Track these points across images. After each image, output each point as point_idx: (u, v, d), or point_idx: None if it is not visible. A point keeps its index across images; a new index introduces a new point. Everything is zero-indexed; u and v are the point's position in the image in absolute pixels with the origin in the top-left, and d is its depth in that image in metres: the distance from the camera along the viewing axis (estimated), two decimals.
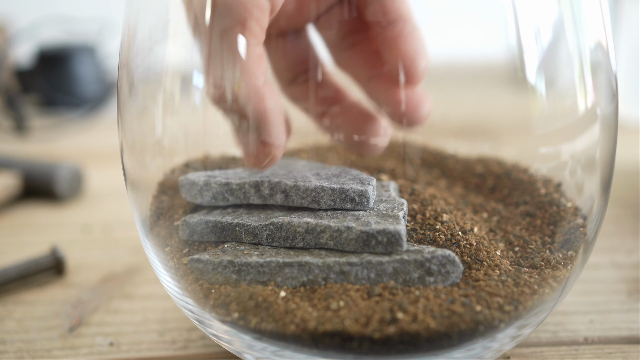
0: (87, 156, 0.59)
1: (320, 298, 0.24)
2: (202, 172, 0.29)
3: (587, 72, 0.27)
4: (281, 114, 0.25)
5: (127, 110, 0.28)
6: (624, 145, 0.33)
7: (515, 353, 0.29)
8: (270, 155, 0.25)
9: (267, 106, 0.24)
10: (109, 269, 0.38)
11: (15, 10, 0.88)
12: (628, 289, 0.34)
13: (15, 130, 0.70)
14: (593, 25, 0.26)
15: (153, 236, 0.28)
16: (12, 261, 0.37)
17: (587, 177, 0.28)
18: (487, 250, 0.26)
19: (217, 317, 0.25)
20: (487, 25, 0.31)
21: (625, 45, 0.65)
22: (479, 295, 0.23)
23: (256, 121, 0.24)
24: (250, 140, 0.25)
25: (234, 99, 0.24)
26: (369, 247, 0.24)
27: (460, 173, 0.34)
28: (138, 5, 0.27)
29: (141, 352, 0.29)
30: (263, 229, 0.26)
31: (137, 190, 0.29)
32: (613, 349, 0.29)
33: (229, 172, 0.29)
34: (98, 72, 0.81)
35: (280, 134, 0.25)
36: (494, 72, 0.35)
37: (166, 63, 0.28)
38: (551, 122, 0.28)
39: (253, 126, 0.24)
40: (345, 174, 0.28)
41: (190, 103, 0.28)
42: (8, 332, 0.31)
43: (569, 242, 0.27)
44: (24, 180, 0.49)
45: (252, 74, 0.23)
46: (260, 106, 0.24)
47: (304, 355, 0.24)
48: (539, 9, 0.27)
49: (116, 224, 0.45)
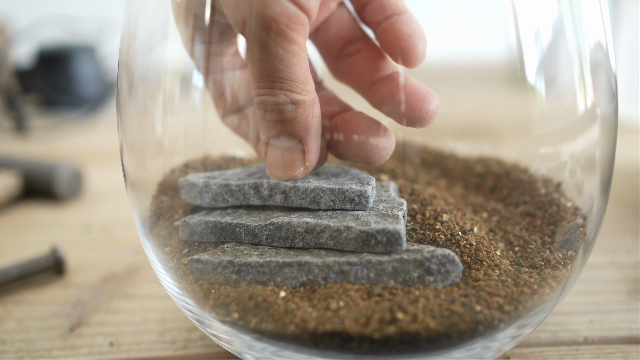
0: (87, 156, 0.59)
1: (320, 298, 0.24)
2: (201, 174, 0.29)
3: (587, 72, 0.27)
4: (320, 126, 0.26)
5: (127, 110, 0.28)
6: (624, 145, 0.33)
7: (515, 353, 0.29)
8: (306, 165, 0.26)
9: (316, 117, 0.25)
10: (109, 269, 0.38)
11: (15, 10, 0.88)
12: (628, 289, 0.34)
13: (15, 130, 0.70)
14: (593, 25, 0.26)
15: (153, 236, 0.28)
16: (12, 261, 0.37)
17: (587, 177, 0.28)
18: (487, 250, 0.26)
19: (217, 317, 0.25)
20: (487, 25, 0.31)
21: (625, 45, 0.65)
22: (478, 295, 0.23)
23: (302, 132, 0.25)
24: (286, 149, 0.25)
25: (280, 109, 0.24)
26: (368, 247, 0.24)
27: (460, 173, 0.34)
28: (138, 5, 0.27)
29: (141, 352, 0.29)
30: (263, 229, 0.26)
31: (137, 190, 0.29)
32: (613, 349, 0.29)
33: (228, 173, 0.29)
34: (98, 72, 0.81)
35: (318, 146, 0.26)
36: (494, 72, 0.35)
37: (166, 63, 0.28)
38: (551, 122, 0.28)
39: (297, 136, 0.25)
40: (345, 174, 0.28)
41: (190, 103, 0.28)
42: (8, 332, 0.31)
43: (569, 242, 0.27)
44: (24, 180, 0.49)
45: (303, 85, 0.24)
46: (309, 119, 0.25)
47: (304, 355, 0.24)
48: (539, 9, 0.27)
49: (116, 224, 0.45)
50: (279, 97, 0.24)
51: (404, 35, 0.25)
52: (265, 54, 0.23)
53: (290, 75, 0.23)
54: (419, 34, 0.25)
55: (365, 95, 0.28)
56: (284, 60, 0.23)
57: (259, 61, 0.23)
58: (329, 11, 0.28)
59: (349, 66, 0.28)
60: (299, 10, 0.22)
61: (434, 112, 0.25)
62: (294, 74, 0.23)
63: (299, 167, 0.26)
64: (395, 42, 0.25)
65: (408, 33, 0.25)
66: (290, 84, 0.23)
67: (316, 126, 0.25)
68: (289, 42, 0.22)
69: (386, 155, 0.26)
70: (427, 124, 0.26)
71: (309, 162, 0.26)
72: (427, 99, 0.25)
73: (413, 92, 0.25)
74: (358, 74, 0.28)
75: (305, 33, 0.23)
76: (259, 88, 0.24)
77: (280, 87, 0.23)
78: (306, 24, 0.23)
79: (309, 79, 0.24)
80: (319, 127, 0.26)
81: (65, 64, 0.78)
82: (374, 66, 0.27)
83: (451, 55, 0.31)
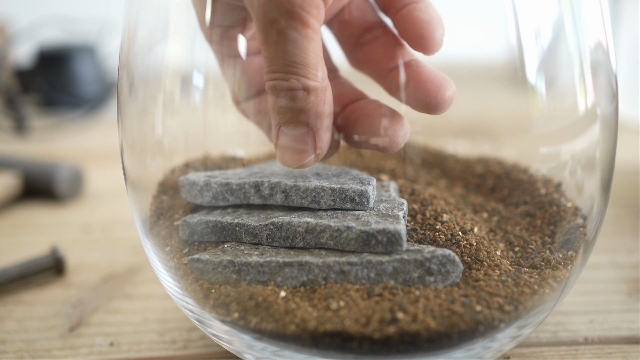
0: (87, 156, 0.59)
1: (320, 298, 0.24)
2: (202, 173, 0.29)
3: (587, 72, 0.27)
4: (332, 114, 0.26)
5: (127, 110, 0.28)
6: (624, 145, 0.33)
7: (515, 353, 0.29)
8: (316, 153, 0.26)
9: (327, 105, 0.25)
10: (109, 269, 0.38)
11: (15, 10, 0.88)
12: (628, 289, 0.34)
13: (15, 130, 0.70)
14: (593, 25, 0.26)
15: (153, 236, 0.28)
16: (12, 261, 0.37)
17: (587, 177, 0.28)
18: (487, 250, 0.26)
19: (217, 317, 0.25)
20: (487, 25, 0.31)
21: (625, 45, 0.65)
22: (479, 295, 0.23)
23: (313, 119, 0.25)
24: (297, 137, 0.25)
25: (292, 95, 0.24)
26: (369, 247, 0.24)
27: (460, 173, 0.34)
28: (138, 5, 0.27)
29: (141, 352, 0.29)
30: (263, 228, 0.26)
31: (137, 190, 0.29)
32: (613, 349, 0.29)
33: (228, 172, 0.29)
34: (98, 72, 0.81)
35: (329, 134, 0.26)
36: (494, 72, 0.35)
37: (166, 63, 0.28)
38: (551, 122, 0.28)
39: (308, 123, 0.25)
40: (345, 174, 0.28)
41: (190, 103, 0.28)
42: (8, 332, 0.31)
43: (569, 242, 0.27)
44: (24, 180, 0.49)
45: (316, 72, 0.24)
46: (321, 106, 0.24)
47: (304, 355, 0.24)
48: (539, 9, 0.27)
49: (116, 224, 0.45)
50: (291, 82, 0.23)
51: (421, 22, 0.25)
52: (279, 37, 0.23)
53: (303, 60, 0.23)
54: (437, 20, 0.25)
55: (382, 83, 0.28)
56: (298, 43, 0.23)
57: (273, 45, 0.23)
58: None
59: (367, 54, 0.28)
60: None
61: (450, 98, 0.25)
62: (307, 58, 0.23)
63: (310, 155, 0.25)
64: (413, 29, 0.25)
65: (426, 20, 0.25)
66: (303, 68, 0.23)
67: (327, 114, 0.25)
68: (303, 26, 0.22)
69: (401, 142, 0.26)
70: (443, 110, 0.25)
71: (319, 149, 0.25)
72: (443, 85, 0.25)
73: (429, 78, 0.25)
74: (375, 62, 0.28)
75: (320, 18, 0.23)
76: (271, 72, 0.24)
77: (292, 71, 0.23)
78: (321, 8, 0.22)
79: (321, 65, 0.24)
80: (331, 115, 0.25)
81: (65, 64, 0.78)
82: (391, 54, 0.27)
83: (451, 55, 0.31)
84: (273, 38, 0.23)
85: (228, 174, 0.28)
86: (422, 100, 0.25)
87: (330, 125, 0.26)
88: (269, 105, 0.25)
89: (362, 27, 0.28)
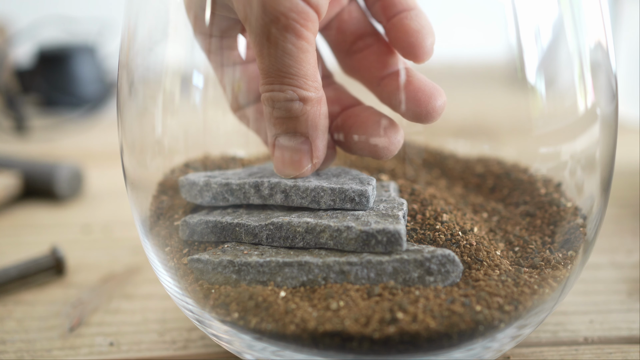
0: (87, 156, 0.59)
1: (320, 298, 0.24)
2: (202, 173, 0.29)
3: (587, 72, 0.27)
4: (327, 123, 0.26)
5: (127, 110, 0.28)
6: (624, 145, 0.33)
7: (515, 353, 0.29)
8: (313, 162, 0.26)
9: (323, 115, 0.25)
10: (109, 269, 0.38)
11: (15, 10, 0.88)
12: (628, 289, 0.34)
13: (15, 130, 0.70)
14: (593, 25, 0.26)
15: (153, 236, 0.28)
16: (12, 261, 0.37)
17: (587, 177, 0.28)
18: (487, 250, 0.26)
19: (217, 317, 0.25)
20: (487, 25, 0.31)
21: (625, 45, 0.65)
22: (479, 295, 0.23)
23: (309, 129, 0.25)
24: (294, 147, 0.25)
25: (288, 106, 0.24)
26: (368, 247, 0.24)
27: (460, 173, 0.34)
28: (138, 6, 0.27)
29: (141, 352, 0.29)
30: (263, 228, 0.26)
31: (137, 190, 0.29)
32: (613, 349, 0.29)
33: (228, 173, 0.29)
34: (98, 72, 0.81)
35: (325, 143, 0.26)
36: (494, 72, 0.35)
37: (166, 63, 0.28)
38: (551, 122, 0.28)
39: (304, 133, 0.25)
40: (345, 174, 0.28)
41: (190, 103, 0.28)
42: (8, 332, 0.31)
43: (569, 242, 0.27)
44: (24, 180, 0.49)
45: (311, 82, 0.24)
46: (317, 117, 0.25)
47: (304, 355, 0.24)
48: (539, 9, 0.27)
49: (116, 224, 0.45)
50: (287, 93, 0.24)
51: (412, 31, 0.25)
52: (274, 49, 0.23)
53: (298, 71, 0.23)
54: (427, 29, 0.25)
55: (374, 91, 0.28)
56: (293, 55, 0.23)
57: (268, 56, 0.23)
58: (340, 6, 0.28)
59: (359, 61, 0.28)
60: (308, 7, 0.22)
61: (440, 108, 0.25)
62: (302, 70, 0.23)
63: (306, 165, 0.26)
64: (404, 38, 0.25)
65: (416, 29, 0.25)
66: (298, 79, 0.23)
67: (323, 123, 0.25)
68: (298, 38, 0.23)
69: (394, 149, 0.26)
70: (434, 120, 0.26)
71: (316, 159, 0.26)
72: (434, 95, 0.25)
73: (420, 88, 0.25)
74: (367, 69, 0.28)
75: (314, 30, 0.23)
76: (266, 84, 0.24)
77: (288, 82, 0.23)
78: (315, 21, 0.23)
79: (316, 76, 0.24)
80: (326, 125, 0.26)
81: (65, 64, 0.78)
82: (383, 62, 0.27)
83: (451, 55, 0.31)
84: (268, 50, 0.23)
85: (228, 174, 0.28)
86: (413, 109, 0.26)
87: (326, 134, 0.26)
88: (265, 116, 0.25)
89: (354, 35, 0.28)
